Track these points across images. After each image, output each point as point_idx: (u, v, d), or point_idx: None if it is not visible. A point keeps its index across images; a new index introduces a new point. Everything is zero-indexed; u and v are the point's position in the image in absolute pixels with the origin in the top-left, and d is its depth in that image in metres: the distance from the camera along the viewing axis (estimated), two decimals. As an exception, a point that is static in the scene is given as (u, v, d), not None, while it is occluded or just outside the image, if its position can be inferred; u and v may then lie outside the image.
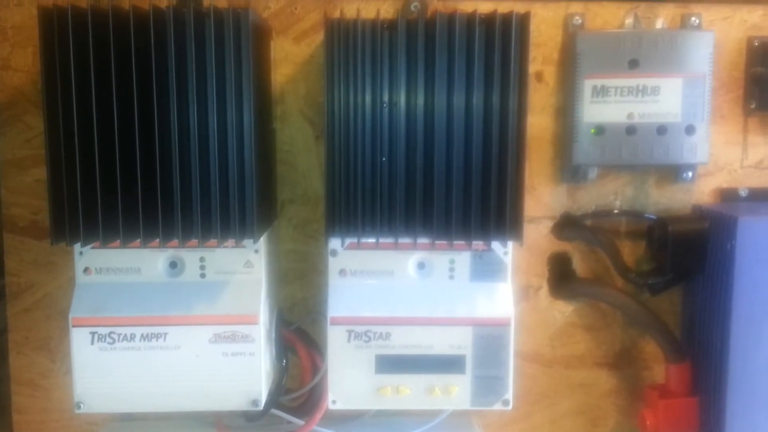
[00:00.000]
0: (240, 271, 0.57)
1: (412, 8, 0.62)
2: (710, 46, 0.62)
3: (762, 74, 0.65)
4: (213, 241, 0.53)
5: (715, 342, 0.62)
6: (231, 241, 0.54)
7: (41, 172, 0.64)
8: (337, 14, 0.54)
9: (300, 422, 0.62)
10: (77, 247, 0.57)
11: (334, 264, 0.59)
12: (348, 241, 0.58)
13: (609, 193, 0.67)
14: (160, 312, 0.56)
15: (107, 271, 0.57)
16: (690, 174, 0.65)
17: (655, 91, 0.62)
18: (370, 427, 0.66)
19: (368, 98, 0.55)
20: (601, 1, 0.64)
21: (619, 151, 0.63)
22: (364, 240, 0.57)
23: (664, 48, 0.62)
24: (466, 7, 0.55)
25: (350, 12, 0.54)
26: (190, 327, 0.56)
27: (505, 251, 0.59)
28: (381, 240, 0.56)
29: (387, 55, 0.54)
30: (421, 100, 0.54)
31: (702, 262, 0.63)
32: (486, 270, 0.59)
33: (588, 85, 0.62)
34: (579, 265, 0.68)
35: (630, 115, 0.62)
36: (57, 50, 0.50)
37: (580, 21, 0.64)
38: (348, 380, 0.58)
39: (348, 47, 0.54)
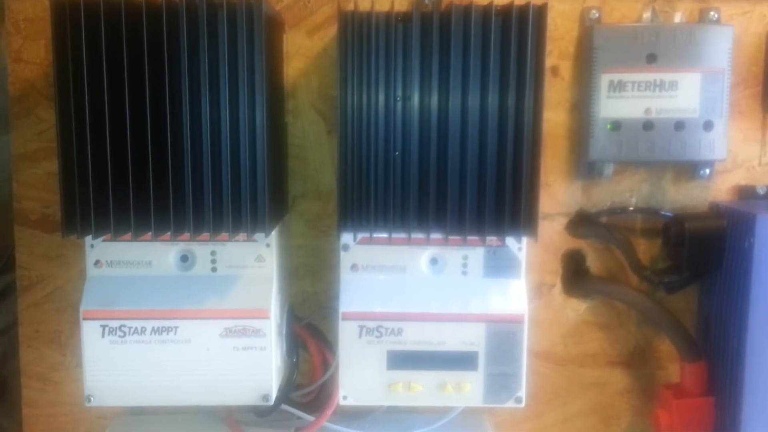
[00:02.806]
0: (251, 266, 0.57)
1: (427, 1, 0.62)
2: (729, 40, 0.61)
3: (782, 70, 0.64)
4: (224, 235, 0.53)
5: (731, 341, 0.61)
6: (242, 235, 0.54)
7: (53, 165, 0.63)
8: (350, 7, 0.54)
9: (310, 418, 0.62)
10: (88, 240, 0.56)
11: (346, 259, 0.58)
12: (360, 235, 0.57)
13: (625, 190, 0.66)
14: (171, 305, 0.55)
15: (118, 264, 0.57)
16: (707, 171, 0.64)
17: (673, 86, 0.61)
18: (381, 423, 0.66)
19: (381, 92, 0.54)
20: (618, -5, 0.64)
21: (635, 147, 0.62)
22: (376, 235, 0.56)
23: (682, 42, 0.61)
24: None
25: (364, 4, 0.53)
26: (200, 321, 0.55)
27: (519, 247, 0.58)
28: (394, 235, 0.56)
29: (401, 48, 0.54)
30: (435, 94, 0.54)
31: (719, 260, 0.62)
32: (500, 266, 0.58)
33: (605, 79, 0.61)
34: (593, 263, 0.67)
35: (647, 111, 0.61)
36: (69, 43, 0.50)
37: (597, 15, 0.63)
38: (359, 376, 0.57)
39: (362, 40, 0.53)
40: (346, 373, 0.57)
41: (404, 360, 0.57)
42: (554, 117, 0.65)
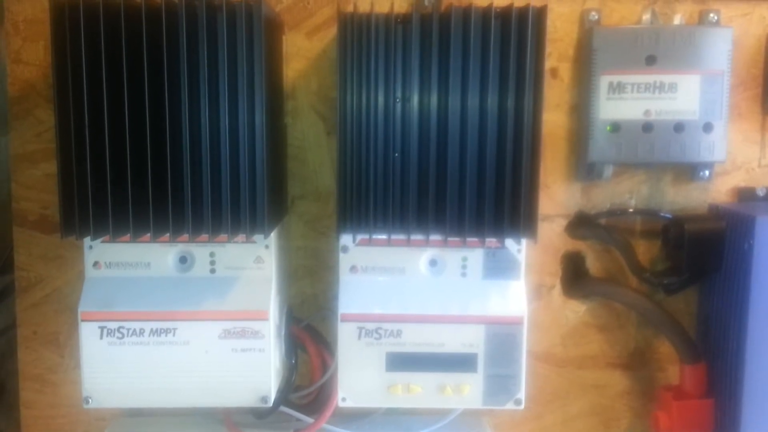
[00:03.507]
0: (250, 267, 0.57)
1: (426, 2, 0.62)
2: (729, 42, 0.61)
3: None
4: (223, 236, 0.53)
5: (731, 343, 0.61)
6: (241, 237, 0.54)
7: (52, 167, 0.63)
8: (350, 8, 0.54)
9: (309, 420, 0.62)
10: (87, 241, 0.56)
11: (345, 260, 0.58)
12: (359, 237, 0.57)
13: (624, 192, 0.66)
14: (170, 307, 0.55)
15: (117, 266, 0.57)
16: (707, 172, 0.64)
17: (673, 88, 0.61)
18: (380, 425, 0.66)
19: (381, 93, 0.54)
20: (617, -3, 0.64)
21: (635, 149, 0.62)
22: (375, 236, 0.56)
23: (681, 44, 0.61)
24: (481, 1, 0.54)
25: (364, 6, 0.53)
26: (199, 322, 0.55)
27: (519, 249, 0.58)
28: (393, 236, 0.56)
29: (400, 50, 0.54)
30: (434, 95, 0.54)
31: (718, 262, 0.62)
32: (499, 268, 0.58)
33: (604, 81, 0.61)
34: (593, 265, 0.67)
35: (647, 113, 0.61)
36: (68, 44, 0.50)
37: (596, 17, 0.63)
38: (358, 378, 0.57)
39: (361, 42, 0.53)
40: (345, 374, 0.57)
41: (403, 362, 0.57)
42: (554, 118, 0.65)
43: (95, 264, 0.57)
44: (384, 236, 0.56)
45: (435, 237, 0.56)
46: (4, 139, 0.66)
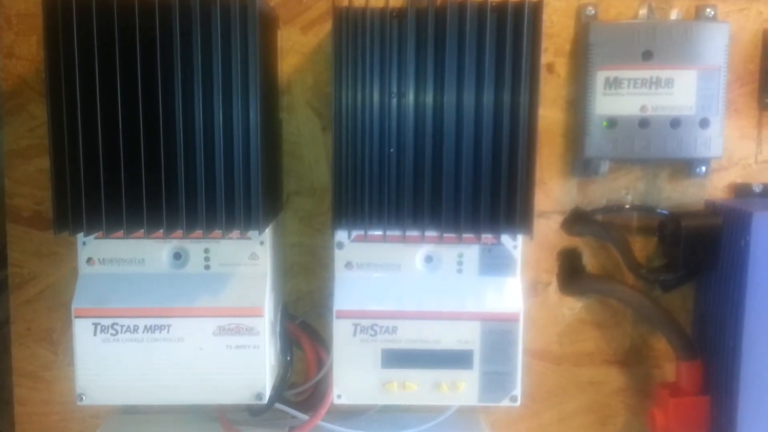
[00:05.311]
0: (245, 263, 0.57)
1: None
2: (725, 38, 0.61)
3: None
4: (218, 233, 0.53)
5: (727, 340, 0.61)
6: (236, 233, 0.53)
7: (45, 162, 0.63)
8: (345, 2, 0.54)
9: (304, 417, 0.62)
10: (80, 237, 0.56)
11: (340, 257, 0.58)
12: (355, 233, 0.57)
13: (620, 188, 0.66)
14: (164, 303, 0.55)
15: (110, 262, 0.56)
16: (703, 168, 0.64)
17: (669, 83, 0.61)
18: (376, 422, 0.65)
19: (376, 88, 0.54)
20: (614, -8, 0.64)
21: (631, 145, 0.61)
22: (371, 232, 0.56)
23: (678, 39, 0.61)
24: (477, -4, 0.54)
25: (359, 0, 0.53)
26: (193, 319, 0.55)
27: (515, 245, 0.58)
28: (388, 233, 0.56)
29: (396, 44, 0.53)
30: (430, 90, 0.53)
31: (715, 259, 0.62)
32: (495, 264, 0.58)
33: (600, 76, 0.61)
34: (589, 261, 0.67)
35: (643, 108, 0.61)
36: (61, 38, 0.49)
37: (593, 11, 0.63)
38: (353, 375, 0.57)
39: (356, 36, 0.53)
40: (341, 371, 0.57)
41: (399, 358, 0.57)
42: (550, 114, 0.64)
43: (89, 260, 0.57)
44: (379, 232, 0.56)
45: (431, 233, 0.55)
46: (-3, 134, 0.65)
